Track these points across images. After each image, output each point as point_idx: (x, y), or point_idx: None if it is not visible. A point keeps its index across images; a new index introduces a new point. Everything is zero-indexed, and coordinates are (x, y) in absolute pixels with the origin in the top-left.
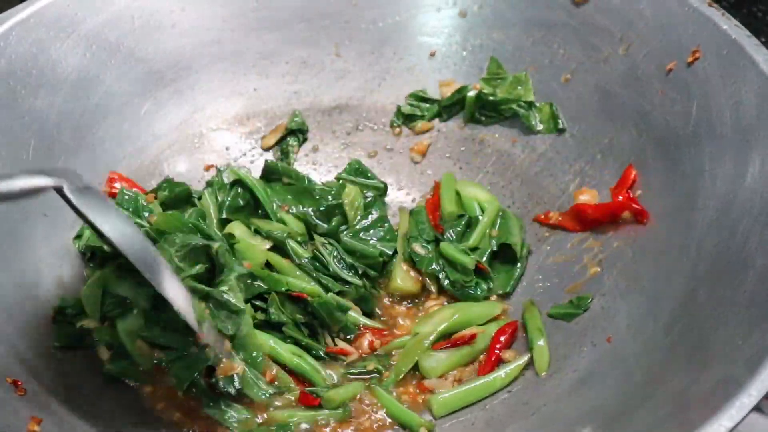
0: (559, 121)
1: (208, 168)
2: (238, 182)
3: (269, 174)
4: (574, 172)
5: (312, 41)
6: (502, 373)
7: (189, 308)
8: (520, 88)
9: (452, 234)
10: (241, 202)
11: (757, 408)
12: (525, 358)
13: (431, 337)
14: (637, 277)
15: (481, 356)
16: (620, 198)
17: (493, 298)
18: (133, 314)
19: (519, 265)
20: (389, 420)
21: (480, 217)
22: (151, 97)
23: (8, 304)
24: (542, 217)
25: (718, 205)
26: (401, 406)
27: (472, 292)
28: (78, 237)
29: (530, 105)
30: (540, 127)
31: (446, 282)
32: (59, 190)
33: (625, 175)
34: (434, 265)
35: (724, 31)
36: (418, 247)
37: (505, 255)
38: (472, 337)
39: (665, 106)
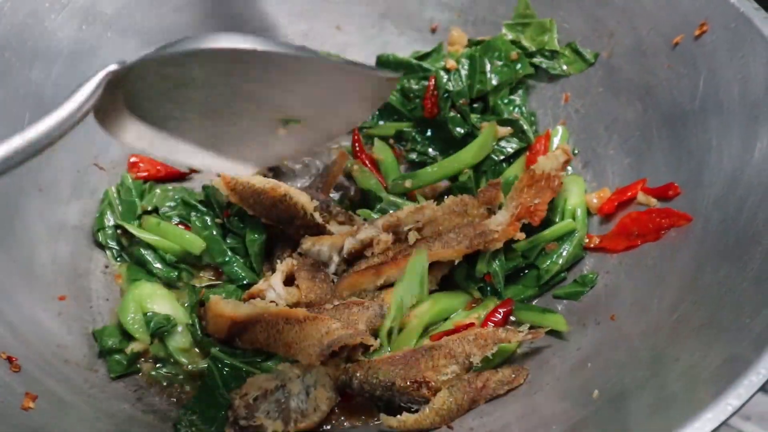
0: (585, 55)
1: None
2: None
3: None
4: (579, 148)
5: (312, 14)
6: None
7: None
8: (545, 35)
9: None
10: None
11: (763, 387)
12: (523, 332)
13: (419, 329)
14: (641, 255)
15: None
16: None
17: None
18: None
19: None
20: None
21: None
22: None
23: (2, 280)
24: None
25: (725, 182)
26: None
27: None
28: (101, 229)
29: (553, 53)
30: (567, 69)
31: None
32: None
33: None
34: None
35: (732, 4)
36: None
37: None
38: (470, 326)
39: (671, 80)
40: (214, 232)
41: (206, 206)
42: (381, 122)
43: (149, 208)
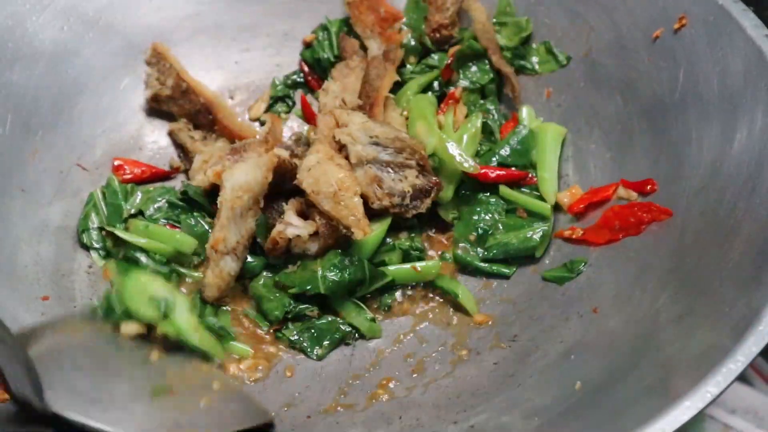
0: (558, 56)
1: None
2: None
3: None
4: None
5: (294, 13)
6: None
7: None
8: (521, 34)
9: None
10: None
11: (747, 381)
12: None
13: None
14: (623, 247)
15: None
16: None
17: None
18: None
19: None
20: None
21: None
22: (130, 71)
23: None
24: (566, 233)
25: (705, 173)
26: None
27: None
28: (85, 230)
29: (528, 51)
30: (538, 67)
31: None
32: None
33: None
34: None
35: None
36: None
37: None
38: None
39: (652, 74)
40: (206, 227)
41: (192, 204)
42: None
43: (133, 212)
